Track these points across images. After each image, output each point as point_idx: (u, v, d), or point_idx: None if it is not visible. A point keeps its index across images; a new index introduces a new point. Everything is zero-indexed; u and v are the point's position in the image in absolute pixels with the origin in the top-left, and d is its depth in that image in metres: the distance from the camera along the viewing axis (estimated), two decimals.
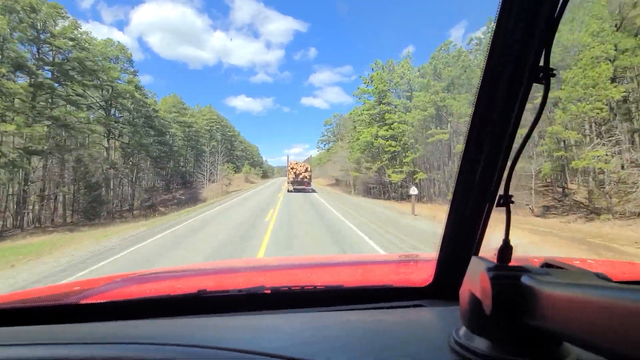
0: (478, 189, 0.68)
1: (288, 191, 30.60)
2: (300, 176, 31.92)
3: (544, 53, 0.54)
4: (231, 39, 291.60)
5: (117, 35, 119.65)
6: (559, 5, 0.51)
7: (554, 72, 0.54)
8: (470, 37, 29.52)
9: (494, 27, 0.56)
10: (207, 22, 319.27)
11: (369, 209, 17.85)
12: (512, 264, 0.56)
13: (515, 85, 0.58)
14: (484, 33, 27.63)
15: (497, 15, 0.55)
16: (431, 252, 0.89)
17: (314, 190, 32.85)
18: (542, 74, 0.55)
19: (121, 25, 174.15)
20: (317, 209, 17.44)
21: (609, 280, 0.44)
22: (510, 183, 0.62)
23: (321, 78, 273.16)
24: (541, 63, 0.55)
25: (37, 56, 21.83)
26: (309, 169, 33.00)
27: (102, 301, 0.89)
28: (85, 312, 0.86)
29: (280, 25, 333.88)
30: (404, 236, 9.45)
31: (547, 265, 0.53)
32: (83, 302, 0.87)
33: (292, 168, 32.78)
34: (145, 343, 0.62)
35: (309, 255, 6.95)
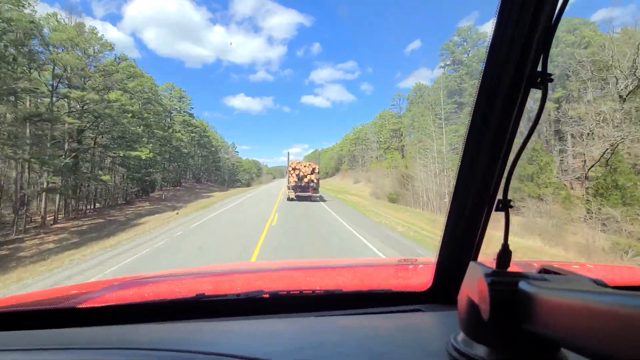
0: (477, 193, 0.68)
1: (288, 199, 22.39)
2: (306, 179, 22.99)
3: (541, 58, 0.54)
4: (231, 43, 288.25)
5: (111, 31, 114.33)
6: (556, 12, 0.52)
7: (552, 77, 0.54)
8: None
9: (493, 32, 0.56)
10: (206, 16, 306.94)
11: None
12: (510, 269, 0.56)
13: (513, 91, 0.58)
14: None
15: (495, 21, 0.55)
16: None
17: (322, 199, 24.38)
18: (539, 79, 0.55)
19: (114, 19, 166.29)
20: None
21: (606, 286, 0.43)
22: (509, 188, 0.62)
23: (322, 75, 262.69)
24: (539, 68, 0.55)
25: None
26: (316, 170, 23.70)
27: (99, 305, 0.89)
28: (82, 316, 0.86)
29: (283, 19, 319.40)
30: None
31: (545, 271, 0.53)
32: (80, 306, 0.87)
33: (294, 169, 23.17)
34: (143, 348, 0.62)
35: (308, 258, 6.93)
